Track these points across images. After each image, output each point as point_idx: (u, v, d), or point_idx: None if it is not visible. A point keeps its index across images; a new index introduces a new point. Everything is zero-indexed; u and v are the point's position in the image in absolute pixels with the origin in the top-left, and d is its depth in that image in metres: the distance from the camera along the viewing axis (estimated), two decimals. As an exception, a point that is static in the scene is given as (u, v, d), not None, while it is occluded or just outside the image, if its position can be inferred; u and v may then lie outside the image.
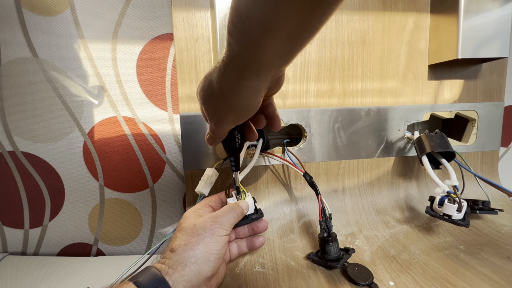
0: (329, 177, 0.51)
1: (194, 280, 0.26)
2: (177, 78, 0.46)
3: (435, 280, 0.34)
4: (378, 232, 0.45)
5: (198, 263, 0.27)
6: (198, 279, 0.27)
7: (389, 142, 0.52)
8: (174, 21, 0.45)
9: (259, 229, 0.39)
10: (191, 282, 0.26)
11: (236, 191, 0.38)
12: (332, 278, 0.35)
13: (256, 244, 0.38)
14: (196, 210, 0.34)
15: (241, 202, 0.36)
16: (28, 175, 0.54)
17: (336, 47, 0.49)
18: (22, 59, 0.51)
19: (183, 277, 0.26)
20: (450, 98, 0.53)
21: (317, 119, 0.49)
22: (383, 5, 0.50)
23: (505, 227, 0.45)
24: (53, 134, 0.53)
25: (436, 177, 0.41)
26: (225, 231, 0.31)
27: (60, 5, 0.50)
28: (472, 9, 0.45)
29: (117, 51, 0.52)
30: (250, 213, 0.38)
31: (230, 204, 0.35)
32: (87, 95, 0.52)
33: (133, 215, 0.57)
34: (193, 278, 0.26)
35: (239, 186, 0.38)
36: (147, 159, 0.55)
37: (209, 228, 0.30)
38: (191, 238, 0.28)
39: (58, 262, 0.53)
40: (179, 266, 0.26)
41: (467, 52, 0.46)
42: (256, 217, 0.38)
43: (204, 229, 0.29)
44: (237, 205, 0.35)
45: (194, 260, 0.27)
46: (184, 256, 0.27)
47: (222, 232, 0.30)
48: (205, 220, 0.31)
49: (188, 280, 0.26)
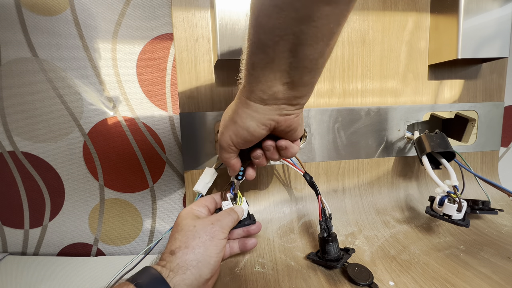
0: (329, 177, 0.51)
1: (194, 283, 0.27)
2: (177, 78, 0.46)
3: (435, 280, 0.34)
4: (378, 232, 0.45)
5: (199, 266, 0.27)
6: (199, 282, 0.27)
7: (389, 142, 0.52)
8: (174, 21, 0.45)
9: (253, 231, 0.39)
10: (192, 286, 0.26)
11: (233, 196, 0.39)
12: (332, 278, 0.35)
13: (248, 246, 0.38)
14: (193, 209, 0.34)
15: (237, 207, 0.37)
16: (28, 175, 0.54)
17: (336, 47, 0.49)
18: (22, 59, 0.51)
19: (184, 280, 0.26)
20: (450, 98, 0.53)
21: (317, 119, 0.49)
22: (383, 5, 0.50)
23: (505, 227, 0.45)
24: (53, 134, 0.53)
25: (436, 177, 0.41)
26: (224, 235, 0.31)
27: (60, 5, 0.50)
28: (472, 9, 0.45)
29: (117, 51, 0.52)
30: (243, 218, 0.38)
31: (228, 209, 0.36)
32: (87, 95, 0.52)
33: (133, 215, 0.57)
34: (193, 281, 0.26)
35: (237, 193, 0.39)
36: (147, 159, 0.55)
37: (210, 231, 0.30)
38: (191, 241, 0.29)
39: (58, 262, 0.53)
40: (180, 269, 0.26)
41: (467, 52, 0.46)
42: (249, 223, 0.39)
43: (205, 231, 0.30)
44: (234, 211, 0.35)
45: (195, 264, 0.27)
46: (185, 260, 0.27)
47: (221, 236, 0.31)
48: (205, 223, 0.31)
49: (189, 284, 0.26)
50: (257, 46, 0.25)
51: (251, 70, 0.27)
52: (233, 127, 0.30)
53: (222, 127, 0.33)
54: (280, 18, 0.23)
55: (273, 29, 0.23)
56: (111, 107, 0.53)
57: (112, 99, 0.53)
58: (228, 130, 0.31)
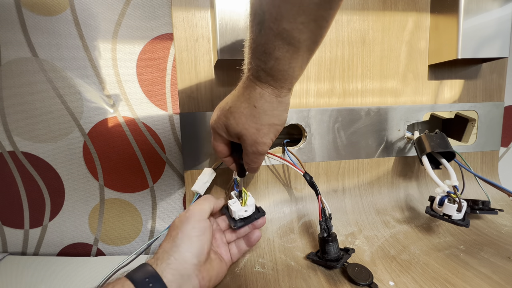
0: (329, 177, 0.51)
1: (180, 267, 0.28)
2: (177, 78, 0.46)
3: (435, 280, 0.34)
4: (378, 232, 0.45)
5: (180, 250, 0.29)
6: (185, 267, 0.28)
7: (389, 142, 0.52)
8: (174, 21, 0.45)
9: (258, 224, 0.39)
10: (178, 270, 0.27)
11: (239, 194, 0.39)
12: (332, 278, 0.35)
13: (252, 239, 0.38)
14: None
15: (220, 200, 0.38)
16: (28, 175, 0.54)
17: (336, 47, 0.49)
18: (22, 59, 0.51)
19: (169, 265, 0.27)
20: (450, 98, 0.53)
21: (317, 119, 0.49)
22: (383, 5, 0.50)
23: (505, 227, 0.45)
24: (53, 134, 0.53)
25: (436, 177, 0.41)
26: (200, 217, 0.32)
27: (60, 5, 0.50)
28: (472, 9, 0.45)
29: (117, 51, 0.52)
30: (252, 212, 0.38)
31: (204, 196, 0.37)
32: (87, 95, 0.52)
33: (133, 215, 0.57)
34: (179, 266, 0.28)
35: (242, 189, 0.39)
36: (147, 159, 0.55)
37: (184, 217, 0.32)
38: (172, 231, 0.31)
39: (58, 262, 0.53)
40: (165, 255, 0.28)
41: (467, 52, 0.46)
42: (259, 216, 0.38)
43: (180, 220, 0.32)
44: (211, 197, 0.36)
45: (176, 249, 0.29)
46: (169, 247, 0.29)
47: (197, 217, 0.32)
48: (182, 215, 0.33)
49: (175, 268, 0.27)
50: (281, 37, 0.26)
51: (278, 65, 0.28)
52: (273, 128, 0.32)
53: (256, 134, 0.32)
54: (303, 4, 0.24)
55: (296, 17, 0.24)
56: (111, 106, 0.53)
57: (112, 98, 0.53)
58: (270, 134, 0.32)
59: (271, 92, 0.30)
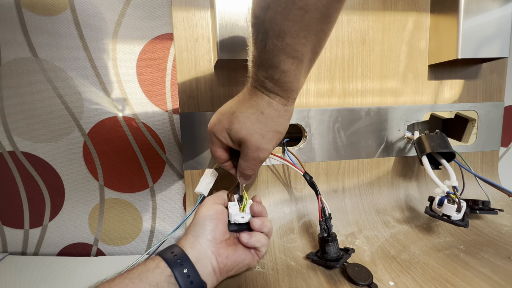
0: (329, 177, 0.51)
1: (196, 243, 0.32)
2: (177, 78, 0.46)
3: (435, 280, 0.34)
4: (378, 232, 0.45)
5: (196, 229, 0.33)
6: (200, 242, 0.32)
7: (389, 142, 0.52)
8: (174, 21, 0.45)
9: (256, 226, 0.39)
10: (194, 245, 0.32)
11: (240, 198, 0.39)
12: (332, 278, 0.35)
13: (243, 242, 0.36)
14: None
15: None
16: (28, 175, 0.54)
17: (336, 47, 0.49)
18: (22, 59, 0.51)
19: (187, 242, 0.32)
20: (450, 98, 0.53)
21: (317, 119, 0.49)
22: (383, 5, 0.50)
23: (505, 227, 0.45)
24: (53, 134, 0.53)
25: (436, 178, 0.41)
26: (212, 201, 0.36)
27: (60, 5, 0.50)
28: (472, 9, 0.45)
29: (117, 51, 0.52)
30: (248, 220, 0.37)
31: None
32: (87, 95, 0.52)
33: (133, 215, 0.57)
34: (194, 241, 0.32)
35: (243, 194, 0.39)
36: (147, 159, 0.55)
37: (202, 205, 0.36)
38: (193, 219, 0.35)
39: (58, 262, 0.53)
40: (185, 235, 0.34)
41: (467, 52, 0.46)
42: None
43: (199, 207, 0.36)
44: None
45: (193, 227, 0.34)
46: (189, 230, 0.34)
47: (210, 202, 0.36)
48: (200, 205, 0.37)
49: (191, 244, 0.32)
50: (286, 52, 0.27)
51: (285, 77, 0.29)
52: (277, 136, 0.33)
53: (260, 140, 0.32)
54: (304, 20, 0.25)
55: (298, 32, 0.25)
56: (111, 106, 0.53)
57: (112, 98, 0.53)
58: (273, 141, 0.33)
59: (279, 101, 0.31)
